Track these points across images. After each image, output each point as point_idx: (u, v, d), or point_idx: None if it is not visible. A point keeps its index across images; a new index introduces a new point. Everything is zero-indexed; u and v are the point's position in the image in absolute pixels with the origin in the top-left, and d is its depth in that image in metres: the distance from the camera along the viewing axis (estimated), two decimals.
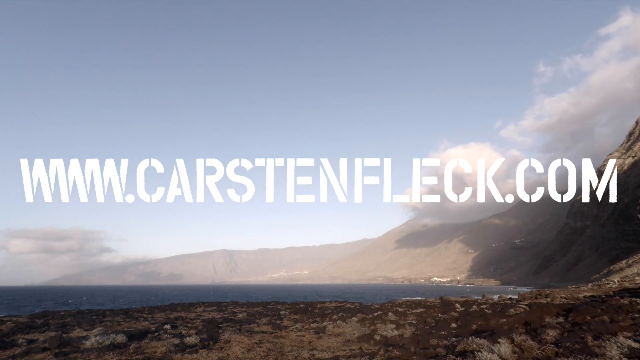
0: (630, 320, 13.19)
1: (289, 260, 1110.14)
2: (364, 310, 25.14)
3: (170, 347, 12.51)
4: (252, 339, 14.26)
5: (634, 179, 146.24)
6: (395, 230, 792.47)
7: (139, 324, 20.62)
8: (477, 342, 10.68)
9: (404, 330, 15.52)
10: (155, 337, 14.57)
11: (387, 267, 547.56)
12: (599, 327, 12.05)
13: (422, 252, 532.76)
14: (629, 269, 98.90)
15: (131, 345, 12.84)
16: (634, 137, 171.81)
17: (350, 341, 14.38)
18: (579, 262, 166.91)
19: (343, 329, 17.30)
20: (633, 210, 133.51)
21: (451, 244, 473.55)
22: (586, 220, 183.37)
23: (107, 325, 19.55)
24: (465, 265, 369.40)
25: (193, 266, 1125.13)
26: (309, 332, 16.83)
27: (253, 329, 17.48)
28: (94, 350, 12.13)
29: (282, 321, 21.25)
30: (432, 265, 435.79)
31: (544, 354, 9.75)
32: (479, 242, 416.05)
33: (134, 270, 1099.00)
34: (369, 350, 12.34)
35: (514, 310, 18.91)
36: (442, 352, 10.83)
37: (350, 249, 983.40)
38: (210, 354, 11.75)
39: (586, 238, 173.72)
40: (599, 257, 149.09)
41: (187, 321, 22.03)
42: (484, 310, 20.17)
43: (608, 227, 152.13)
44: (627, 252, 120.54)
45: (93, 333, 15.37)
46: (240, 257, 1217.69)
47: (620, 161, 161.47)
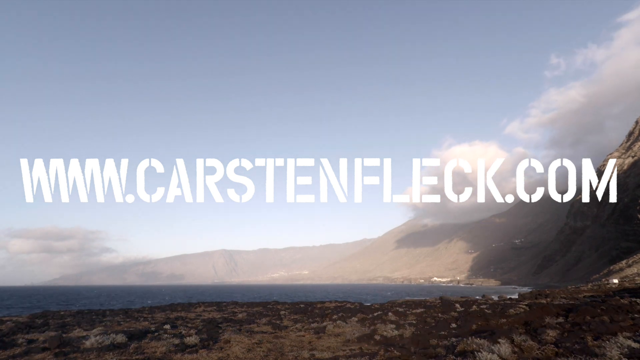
0: (630, 321, 13.20)
1: (289, 260, 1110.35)
2: (364, 310, 25.15)
3: (170, 347, 12.52)
4: (252, 339, 14.26)
5: (634, 179, 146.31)
6: (395, 230, 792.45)
7: (139, 324, 20.63)
8: (477, 342, 10.68)
9: (404, 330, 15.52)
10: (155, 337, 14.57)
11: (387, 267, 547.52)
12: (599, 327, 12.06)
13: (422, 252, 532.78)
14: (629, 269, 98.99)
15: (131, 345, 12.85)
16: (633, 137, 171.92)
17: (350, 341, 14.38)
18: (579, 262, 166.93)
19: (343, 329, 17.30)
20: (633, 210, 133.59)
21: (451, 244, 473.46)
22: (586, 220, 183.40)
23: (107, 325, 19.56)
24: (465, 265, 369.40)
25: (193, 266, 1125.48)
26: (309, 332, 16.83)
27: (253, 329, 17.48)
28: (94, 350, 12.13)
29: (282, 321, 21.25)
30: (432, 265, 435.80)
31: (543, 354, 9.76)
32: (479, 242, 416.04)
33: (135, 271, 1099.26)
34: (369, 350, 12.34)
35: (514, 310, 18.93)
36: (442, 352, 10.83)
37: (350, 249, 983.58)
38: (210, 354, 11.75)
39: (586, 238, 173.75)
40: (599, 257, 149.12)
41: (187, 321, 22.04)
42: (484, 310, 20.17)
43: (608, 227, 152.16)
44: (627, 252, 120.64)
45: (93, 333, 15.37)
46: (240, 257, 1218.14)
47: (620, 161, 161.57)
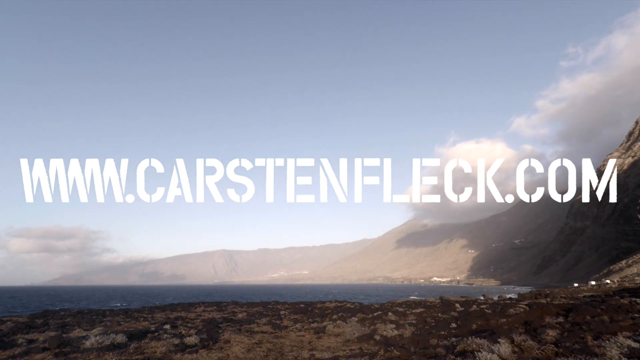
0: (630, 320, 13.20)
1: (289, 260, 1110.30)
2: (364, 310, 25.14)
3: (170, 347, 12.51)
4: (252, 339, 14.25)
5: (633, 179, 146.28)
6: (395, 230, 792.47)
7: (139, 324, 20.62)
8: (477, 342, 10.68)
9: (404, 330, 15.52)
10: (155, 337, 14.57)
11: (387, 267, 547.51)
12: (599, 327, 12.06)
13: (422, 252, 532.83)
14: (628, 269, 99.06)
15: (131, 345, 12.84)
16: (633, 137, 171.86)
17: (350, 341, 14.38)
18: (579, 262, 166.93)
19: (343, 329, 17.30)
20: (633, 210, 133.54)
21: (451, 244, 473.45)
22: (586, 220, 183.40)
23: (107, 325, 19.55)
24: (465, 265, 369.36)
25: (193, 266, 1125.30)
26: (309, 332, 16.83)
27: (253, 329, 17.48)
28: (94, 350, 12.13)
29: (282, 321, 21.24)
30: (432, 265, 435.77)
31: (543, 354, 9.76)
32: (479, 242, 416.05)
33: (135, 271, 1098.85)
34: (369, 350, 12.33)
35: (514, 310, 18.93)
36: (442, 352, 10.83)
37: (350, 249, 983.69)
38: (210, 354, 11.75)
39: (586, 238, 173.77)
40: (599, 257, 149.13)
41: (187, 321, 22.03)
42: (484, 310, 20.16)
43: (608, 227, 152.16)
44: (627, 252, 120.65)
45: (93, 333, 15.37)
46: (240, 257, 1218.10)
47: (620, 161, 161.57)
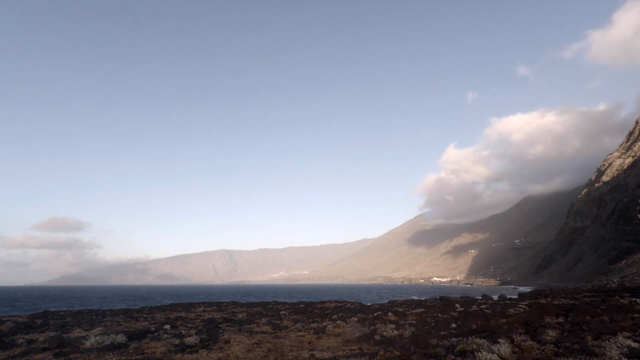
0: (630, 320, 13.19)
1: (289, 260, 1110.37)
2: (364, 310, 25.14)
3: (170, 347, 12.51)
4: (252, 339, 14.25)
5: (633, 179, 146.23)
6: (396, 230, 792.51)
7: (139, 324, 20.62)
8: (476, 342, 10.67)
9: (404, 330, 15.51)
10: (155, 337, 14.56)
11: (387, 267, 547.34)
12: (599, 327, 12.05)
13: (422, 252, 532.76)
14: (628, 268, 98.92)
15: (131, 345, 12.83)
16: (633, 137, 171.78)
17: (350, 341, 14.37)
18: (579, 262, 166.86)
19: (343, 329, 17.29)
20: (633, 210, 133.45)
21: (451, 244, 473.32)
22: (586, 220, 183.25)
23: (107, 325, 19.54)
24: (465, 265, 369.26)
25: (193, 266, 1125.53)
26: (309, 332, 16.82)
27: (253, 329, 17.47)
28: (94, 350, 12.12)
29: (282, 321, 21.23)
30: (432, 265, 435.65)
31: (543, 354, 9.75)
32: (479, 242, 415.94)
33: (135, 271, 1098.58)
34: (369, 350, 12.33)
35: (514, 310, 18.91)
36: (442, 352, 10.82)
37: (350, 249, 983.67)
38: (210, 354, 11.75)
39: (586, 238, 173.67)
40: (599, 257, 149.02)
41: (187, 321, 22.02)
42: (483, 310, 20.15)
43: (608, 227, 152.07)
44: (627, 252, 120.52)
45: (93, 333, 15.36)
46: (240, 257, 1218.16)
47: (620, 161, 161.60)
